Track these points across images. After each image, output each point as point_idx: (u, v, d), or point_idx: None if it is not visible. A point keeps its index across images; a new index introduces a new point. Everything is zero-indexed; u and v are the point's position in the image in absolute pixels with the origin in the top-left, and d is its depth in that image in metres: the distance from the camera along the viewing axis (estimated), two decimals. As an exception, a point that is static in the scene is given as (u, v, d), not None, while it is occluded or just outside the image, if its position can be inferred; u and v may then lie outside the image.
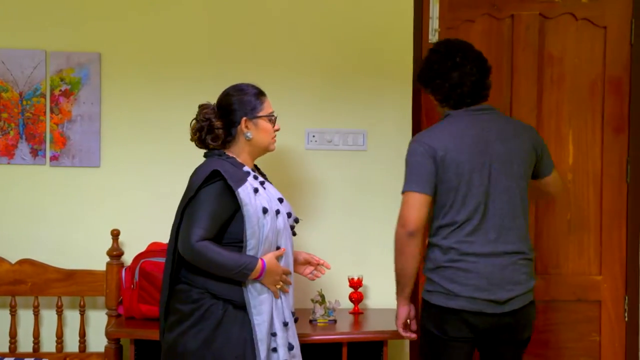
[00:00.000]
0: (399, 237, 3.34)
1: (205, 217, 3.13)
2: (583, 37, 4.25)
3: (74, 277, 4.07)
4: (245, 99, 3.29)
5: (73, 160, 4.13)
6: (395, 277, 3.41)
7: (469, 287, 3.31)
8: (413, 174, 3.34)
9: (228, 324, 3.17)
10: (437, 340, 3.37)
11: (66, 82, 4.10)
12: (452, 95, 3.42)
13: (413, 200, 3.31)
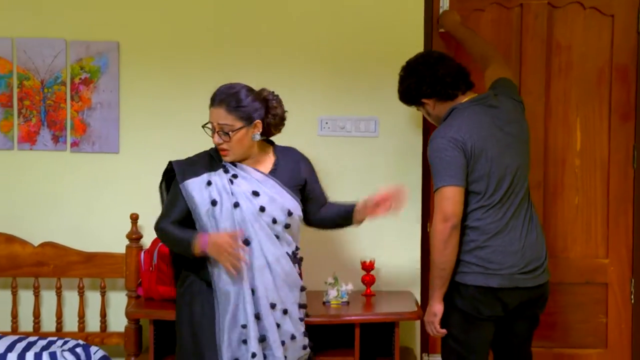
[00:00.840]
0: (443, 232, 3.35)
1: (166, 204, 3.42)
2: (591, 25, 4.25)
3: (95, 260, 4.11)
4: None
5: (93, 146, 4.17)
6: (437, 273, 3.41)
7: (507, 264, 3.41)
8: (447, 168, 3.36)
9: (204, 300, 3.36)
10: (469, 318, 3.45)
11: (86, 71, 4.15)
12: (447, 86, 3.52)
13: (452, 194, 3.36)
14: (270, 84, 4.05)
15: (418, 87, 3.57)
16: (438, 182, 3.38)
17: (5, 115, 4.16)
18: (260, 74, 4.10)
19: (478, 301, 3.42)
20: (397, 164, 4.20)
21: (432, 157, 3.43)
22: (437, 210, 3.38)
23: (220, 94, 3.37)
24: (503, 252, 3.41)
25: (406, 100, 3.68)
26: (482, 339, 3.51)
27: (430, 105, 3.59)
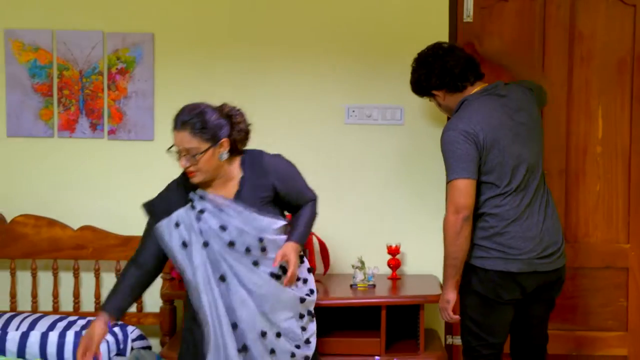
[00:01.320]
0: (454, 224, 3.41)
1: (140, 242, 3.38)
2: (613, 15, 4.25)
3: (131, 243, 4.10)
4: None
5: (129, 134, 4.24)
6: (450, 262, 3.47)
7: (526, 249, 3.46)
8: (458, 160, 3.41)
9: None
10: (488, 302, 3.51)
11: (122, 61, 4.21)
12: (455, 79, 3.58)
13: (464, 186, 3.40)
14: (298, 72, 4.22)
15: (428, 79, 3.63)
16: (450, 175, 3.43)
17: (46, 104, 4.23)
18: (289, 63, 4.24)
19: (498, 285, 3.48)
20: (422, 151, 4.24)
21: (444, 150, 3.48)
22: (449, 202, 3.44)
23: (183, 116, 3.20)
24: (522, 238, 3.46)
25: (417, 91, 3.74)
26: (502, 321, 3.57)
27: (440, 96, 3.65)
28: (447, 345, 4.30)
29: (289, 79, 4.24)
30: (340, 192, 4.25)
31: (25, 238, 4.18)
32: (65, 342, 3.82)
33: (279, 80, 4.24)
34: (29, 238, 4.18)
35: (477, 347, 3.59)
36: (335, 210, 4.23)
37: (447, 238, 3.45)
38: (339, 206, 4.26)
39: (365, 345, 3.74)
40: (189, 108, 3.21)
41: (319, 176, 4.12)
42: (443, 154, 3.49)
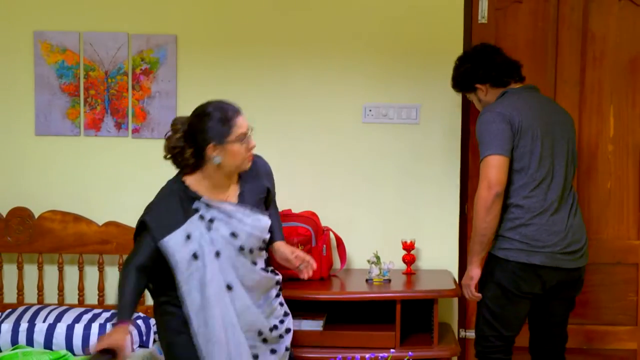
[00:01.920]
0: (486, 199, 3.42)
1: (135, 248, 3.21)
2: (625, 16, 4.28)
3: None
4: (213, 125, 3.10)
5: (152, 132, 4.27)
6: (478, 238, 3.50)
7: (550, 242, 3.50)
8: (494, 138, 3.45)
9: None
10: (508, 294, 3.54)
11: (146, 62, 4.25)
12: (501, 73, 3.64)
13: (497, 162, 3.43)
14: (318, 72, 4.23)
15: (474, 72, 3.68)
16: (484, 152, 3.46)
17: (73, 104, 4.28)
18: (309, 63, 4.26)
19: (518, 277, 3.51)
20: (438, 150, 4.28)
21: (479, 129, 3.52)
22: (482, 178, 3.46)
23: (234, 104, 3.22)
24: (547, 231, 3.50)
25: (460, 85, 3.78)
26: (517, 314, 3.59)
27: (483, 90, 3.69)
28: (460, 339, 4.33)
29: (308, 79, 4.27)
30: (357, 190, 4.29)
31: (52, 233, 4.23)
32: (91, 334, 3.87)
33: (299, 79, 4.27)
34: (55, 233, 4.23)
35: (490, 337, 3.62)
36: (352, 207, 4.29)
37: (478, 214, 3.47)
38: (355, 203, 4.30)
39: (381, 338, 3.76)
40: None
41: (336, 173, 4.26)
42: (478, 134, 3.52)
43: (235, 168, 3.22)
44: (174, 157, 3.23)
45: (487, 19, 4.28)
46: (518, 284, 3.52)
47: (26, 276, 4.33)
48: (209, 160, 3.16)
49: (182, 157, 3.19)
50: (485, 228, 3.47)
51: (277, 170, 3.98)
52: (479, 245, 3.52)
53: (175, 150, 3.19)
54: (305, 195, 4.28)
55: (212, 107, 3.16)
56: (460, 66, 3.76)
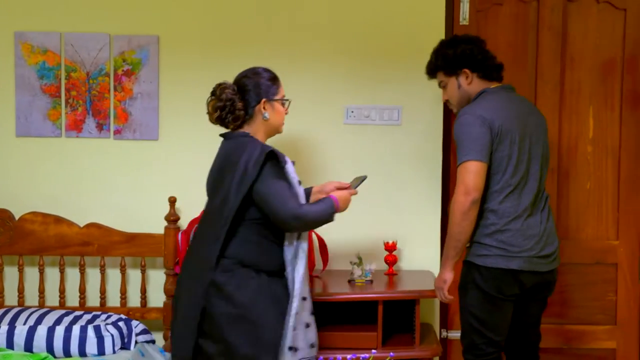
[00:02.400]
0: (463, 205, 3.38)
1: (284, 189, 3.23)
2: (604, 18, 4.30)
3: (136, 240, 4.18)
4: (265, 82, 3.35)
5: (134, 134, 4.25)
6: (452, 243, 3.46)
7: (526, 247, 3.47)
8: (473, 143, 3.39)
9: (264, 285, 3.29)
10: (492, 299, 3.50)
11: (128, 63, 4.23)
12: (491, 67, 3.61)
13: (475, 168, 3.39)
14: (300, 73, 4.21)
15: (472, 55, 3.59)
16: (463, 156, 3.41)
17: (54, 105, 4.25)
18: (290, 64, 4.20)
19: (500, 281, 3.48)
20: (419, 151, 4.27)
21: (458, 132, 3.46)
22: (459, 183, 3.41)
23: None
24: (523, 235, 3.47)
25: (448, 64, 3.63)
26: (504, 317, 3.56)
27: (468, 77, 3.61)
28: (441, 339, 4.33)
29: (291, 80, 4.08)
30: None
31: (33, 235, 4.20)
32: (72, 336, 3.85)
33: (283, 80, 4.17)
34: (36, 235, 4.20)
35: (480, 346, 3.57)
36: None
37: (454, 219, 3.43)
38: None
39: (363, 339, 3.75)
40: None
41: (318, 174, 4.22)
42: (456, 136, 3.47)
43: (277, 127, 3.41)
44: (223, 112, 3.32)
45: (469, 20, 4.28)
46: (500, 288, 3.50)
47: (7, 278, 4.31)
48: (256, 116, 3.34)
49: (234, 109, 3.31)
50: (460, 233, 3.44)
51: None
52: (453, 250, 3.49)
53: (228, 103, 3.30)
54: None
55: (260, 68, 3.40)
56: (455, 45, 3.65)
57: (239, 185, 3.22)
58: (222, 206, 3.25)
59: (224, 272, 3.26)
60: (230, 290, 3.25)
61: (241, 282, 3.25)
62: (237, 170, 3.22)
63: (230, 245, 3.28)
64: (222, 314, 3.24)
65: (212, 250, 3.26)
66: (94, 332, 3.87)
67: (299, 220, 3.22)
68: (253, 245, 3.31)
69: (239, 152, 3.26)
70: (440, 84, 3.75)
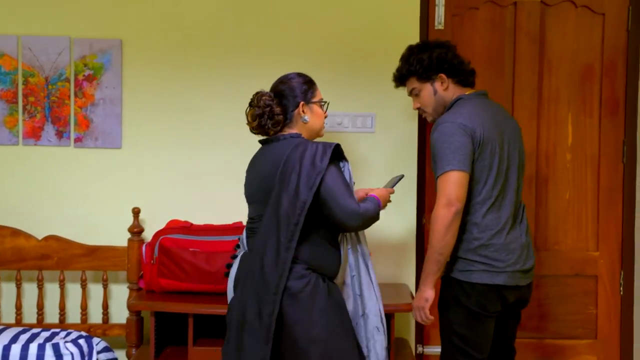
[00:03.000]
0: (445, 217, 3.29)
1: (346, 186, 3.21)
2: (582, 23, 4.31)
3: (97, 253, 4.14)
4: (301, 86, 3.37)
5: (96, 141, 4.20)
6: (435, 257, 3.35)
7: (510, 261, 3.41)
8: (455, 152, 3.31)
9: (334, 293, 3.25)
10: (476, 316, 3.42)
11: (89, 68, 4.18)
12: (466, 72, 3.56)
13: (457, 179, 3.31)
14: (271, 79, 4.04)
15: (449, 60, 3.52)
16: (444, 166, 3.33)
17: (10, 111, 4.19)
18: (259, 71, 4.10)
19: (484, 298, 3.41)
20: (393, 159, 4.24)
21: (438, 142, 3.36)
22: (440, 194, 3.33)
23: None
24: (507, 249, 3.41)
25: (424, 69, 3.55)
26: (487, 335, 3.48)
27: (444, 83, 3.54)
28: (417, 355, 4.31)
29: (261, 86, 4.06)
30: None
31: (-12, 248, 4.15)
32: (28, 354, 3.77)
33: (251, 86, 4.07)
34: (-8, 248, 4.15)
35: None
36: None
37: (435, 232, 3.33)
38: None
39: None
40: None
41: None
42: (436, 145, 3.38)
43: (317, 130, 3.44)
44: (262, 118, 3.33)
45: (444, 25, 4.27)
46: (484, 304, 3.42)
47: (-39, 294, 4.25)
48: (296, 120, 3.36)
49: (273, 114, 3.33)
50: (443, 247, 3.35)
51: (228, 178, 4.12)
52: (435, 264, 3.39)
53: (267, 109, 3.33)
54: None
55: (293, 74, 3.44)
56: (430, 49, 3.57)
57: (307, 180, 3.16)
58: (291, 206, 3.15)
59: (299, 279, 3.18)
60: (305, 299, 3.17)
61: (313, 290, 3.18)
62: (303, 166, 3.17)
63: (301, 249, 3.20)
64: (297, 324, 3.15)
65: (285, 254, 3.15)
66: (52, 350, 3.79)
67: (361, 218, 3.19)
68: (321, 249, 3.27)
69: (299, 150, 3.22)
70: (411, 91, 3.67)
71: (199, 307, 3.75)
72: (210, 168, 4.23)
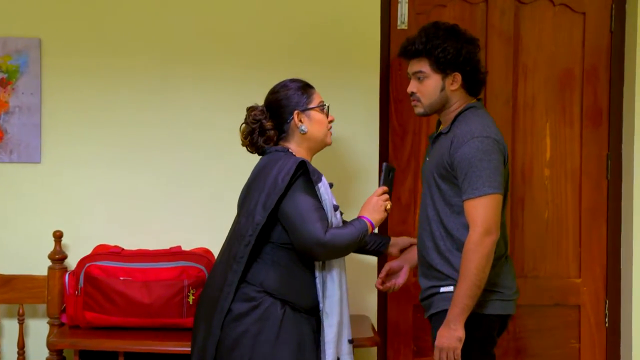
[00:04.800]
0: (486, 246, 3.24)
1: (312, 210, 3.19)
2: (561, 23, 4.31)
3: (13, 283, 4.06)
4: (293, 93, 3.38)
5: (11, 155, 4.13)
6: (472, 292, 3.26)
7: (515, 287, 3.45)
8: (494, 172, 3.27)
9: (289, 326, 3.23)
10: (486, 349, 3.40)
11: (2, 71, 4.11)
12: (481, 83, 3.48)
13: (497, 203, 3.27)
14: (212, 84, 4.26)
15: (472, 60, 3.41)
16: (484, 188, 3.25)
17: None
18: (203, 74, 4.15)
19: (493, 329, 3.41)
20: (353, 174, 4.20)
21: (476, 158, 3.27)
22: (478, 220, 3.25)
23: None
24: (511, 274, 3.42)
25: (445, 60, 3.39)
26: None
27: (455, 84, 3.41)
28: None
29: (201, 92, 4.18)
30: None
31: None
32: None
33: (190, 92, 4.18)
34: None
35: None
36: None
37: (475, 263, 3.23)
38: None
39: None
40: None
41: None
42: (471, 162, 3.27)
43: (321, 139, 3.42)
44: (254, 135, 3.39)
45: (408, 24, 4.24)
46: (493, 336, 3.42)
47: None
48: (294, 131, 3.36)
49: (264, 130, 3.37)
50: (482, 280, 3.26)
51: (163, 198, 4.15)
52: (472, 299, 3.27)
53: (256, 125, 3.38)
54: (199, 228, 4.15)
55: (287, 80, 3.44)
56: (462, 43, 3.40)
57: (266, 200, 3.22)
58: (247, 223, 3.25)
59: (245, 301, 3.22)
60: (249, 324, 3.21)
61: (263, 315, 3.21)
62: (267, 184, 3.24)
63: (257, 270, 3.26)
64: (235, 350, 3.22)
65: (232, 276, 3.23)
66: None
67: (324, 247, 3.19)
68: (282, 270, 3.27)
69: (272, 165, 3.29)
70: (415, 73, 3.50)
71: (131, 344, 3.70)
72: (144, 186, 4.16)
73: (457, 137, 3.33)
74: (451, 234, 3.34)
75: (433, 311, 3.42)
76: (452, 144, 3.32)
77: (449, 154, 3.32)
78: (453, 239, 3.34)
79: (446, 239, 3.36)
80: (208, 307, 3.28)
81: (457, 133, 3.35)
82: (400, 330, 4.22)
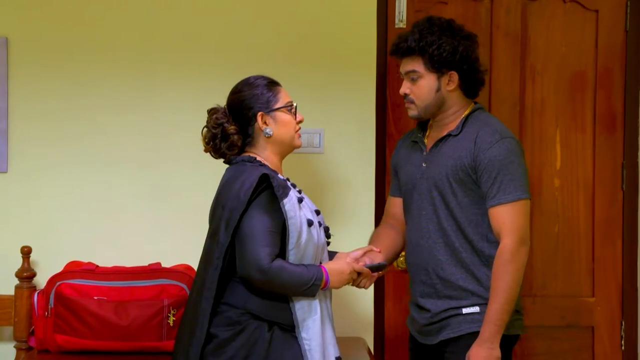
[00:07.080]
0: (523, 256, 3.23)
1: (264, 232, 3.15)
2: (571, 22, 4.32)
3: None
4: (257, 92, 3.33)
5: None
6: (508, 307, 3.24)
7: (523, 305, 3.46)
8: (524, 176, 3.28)
9: (278, 348, 3.20)
10: None
11: None
12: (480, 83, 3.46)
13: (529, 210, 3.28)
14: (192, 88, 4.29)
15: (470, 57, 3.39)
16: (518, 193, 3.25)
17: None
18: (182, 77, 4.17)
19: (510, 351, 3.40)
20: (347, 184, 4.20)
21: (507, 160, 3.26)
22: (513, 228, 3.23)
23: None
24: (520, 292, 3.35)
25: (440, 58, 3.36)
26: None
27: (452, 83, 3.38)
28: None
29: (180, 96, 4.20)
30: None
31: None
32: None
33: (168, 96, 4.20)
34: None
35: None
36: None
37: (512, 276, 3.22)
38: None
39: None
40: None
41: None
42: (505, 164, 3.26)
43: (288, 142, 3.36)
44: (216, 141, 3.34)
45: (406, 23, 4.24)
46: (510, 357, 3.42)
47: None
48: (258, 134, 3.32)
49: (226, 134, 3.31)
50: (517, 294, 3.26)
51: (141, 210, 4.17)
52: (508, 316, 3.25)
53: (217, 130, 3.32)
54: (180, 243, 4.13)
55: (252, 77, 3.38)
56: (458, 39, 3.38)
57: (228, 218, 3.18)
58: (212, 245, 3.24)
59: (229, 326, 3.20)
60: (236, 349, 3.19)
61: (250, 339, 3.19)
62: (229, 199, 3.21)
63: (237, 291, 3.23)
64: None
65: (205, 300, 3.21)
66: None
67: (264, 274, 3.12)
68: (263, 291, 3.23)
69: (235, 177, 3.26)
70: (408, 73, 3.46)
71: (105, 370, 3.68)
72: (120, 197, 4.16)
73: (482, 137, 3.29)
74: (473, 246, 3.29)
75: (452, 335, 3.33)
76: (476, 144, 3.28)
77: (471, 156, 3.27)
78: (476, 251, 3.29)
79: (469, 252, 3.30)
80: (187, 333, 3.26)
81: (480, 133, 3.31)
82: (399, 352, 4.20)
